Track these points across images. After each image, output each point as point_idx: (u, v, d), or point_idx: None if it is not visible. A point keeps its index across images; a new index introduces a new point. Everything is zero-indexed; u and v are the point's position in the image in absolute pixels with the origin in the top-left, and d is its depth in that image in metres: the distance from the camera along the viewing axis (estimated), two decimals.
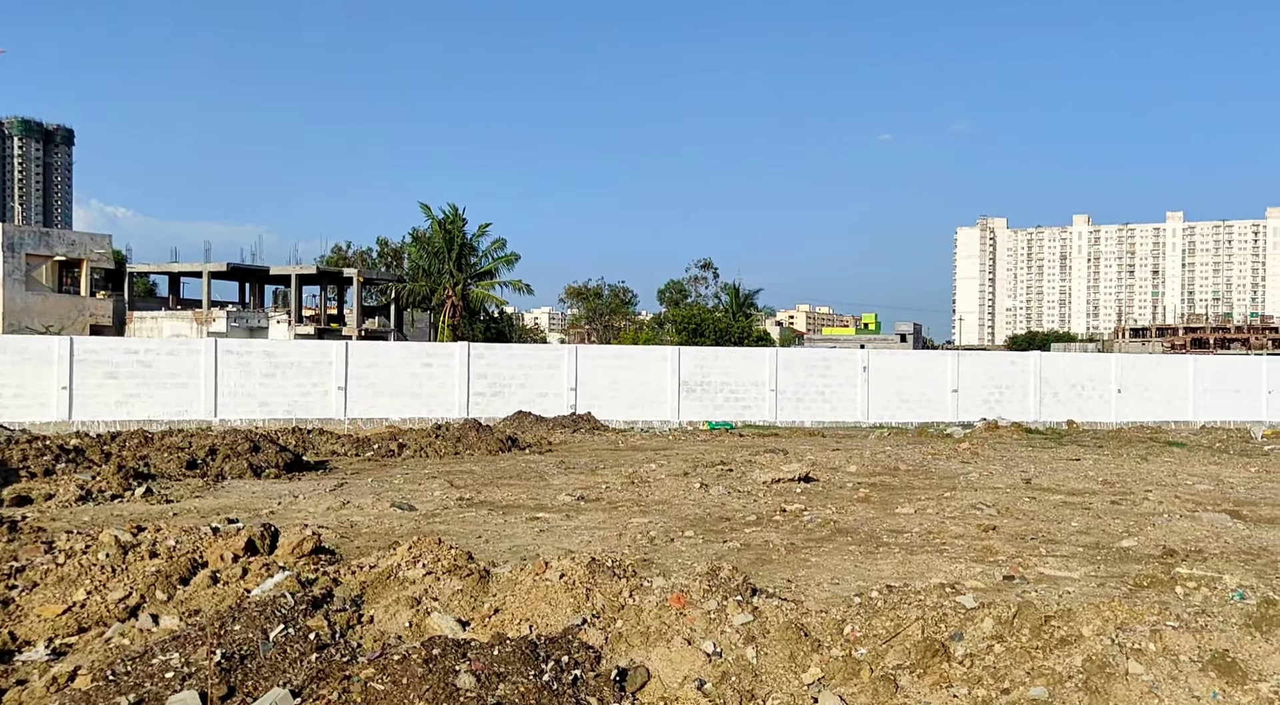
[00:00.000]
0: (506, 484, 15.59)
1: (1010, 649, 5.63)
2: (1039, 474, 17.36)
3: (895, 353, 35.68)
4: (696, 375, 29.91)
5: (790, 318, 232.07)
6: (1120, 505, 13.70)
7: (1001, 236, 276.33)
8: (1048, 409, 31.55)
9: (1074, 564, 9.57)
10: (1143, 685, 5.11)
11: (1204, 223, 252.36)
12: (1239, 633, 5.55)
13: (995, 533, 11.33)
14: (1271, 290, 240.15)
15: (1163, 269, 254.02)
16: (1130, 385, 32.48)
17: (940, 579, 8.22)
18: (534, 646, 5.73)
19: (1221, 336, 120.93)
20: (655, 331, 72.33)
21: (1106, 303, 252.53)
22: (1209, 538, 11.11)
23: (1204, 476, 17.53)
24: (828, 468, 17.45)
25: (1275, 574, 8.96)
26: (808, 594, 8.00)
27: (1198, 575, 8.49)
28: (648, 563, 9.33)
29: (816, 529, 11.57)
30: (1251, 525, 12.14)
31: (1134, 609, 5.98)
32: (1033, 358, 33.06)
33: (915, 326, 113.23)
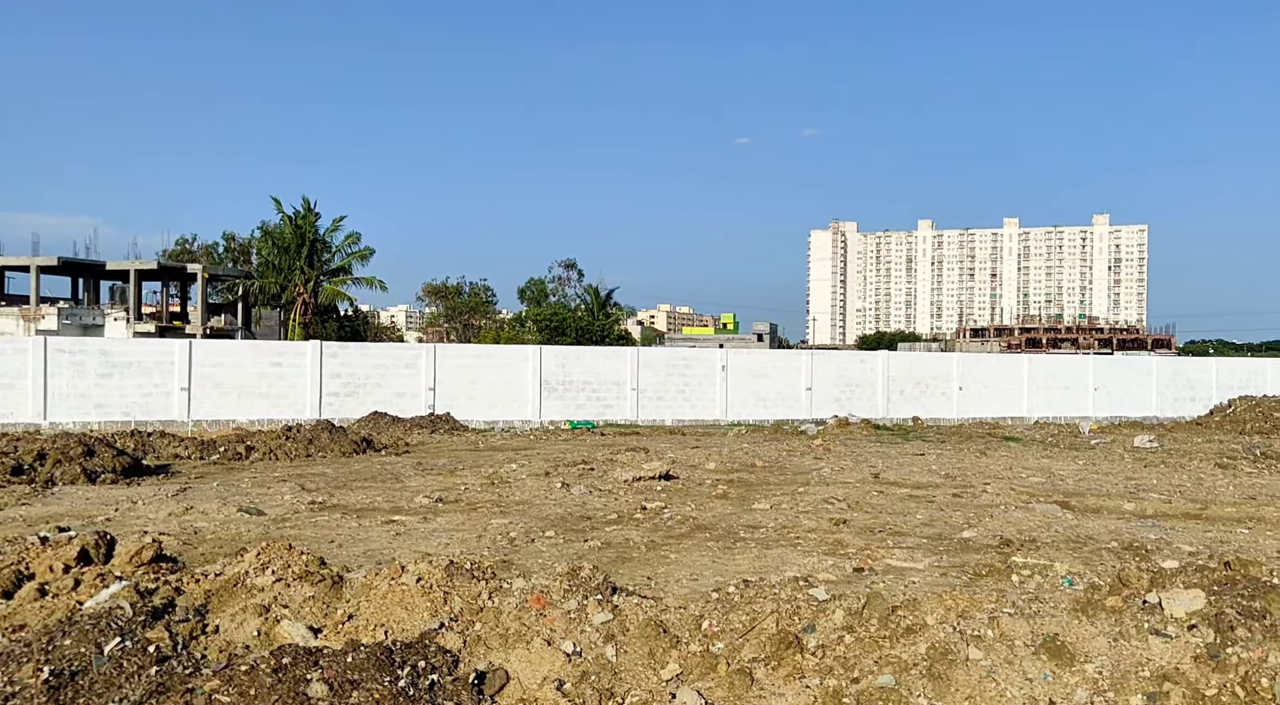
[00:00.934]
0: (361, 486, 15.20)
1: (860, 639, 5.83)
2: (887, 469, 18.03)
3: (752, 352, 36.47)
4: (558, 374, 29.86)
5: (651, 317, 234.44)
6: (961, 498, 14.36)
7: (852, 240, 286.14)
8: (895, 406, 32.82)
9: (919, 555, 9.97)
10: (981, 670, 5.37)
11: (1038, 229, 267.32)
12: (1068, 617, 5.89)
13: (846, 526, 11.71)
14: (1098, 293, 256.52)
15: (1000, 272, 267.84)
16: (971, 383, 34.10)
17: (794, 572, 8.44)
18: (389, 652, 5.60)
19: (1053, 336, 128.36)
20: (516, 330, 71.90)
21: (949, 304, 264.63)
22: (1041, 528, 11.77)
23: (1037, 470, 18.54)
24: (687, 465, 17.69)
25: (1100, 561, 9.56)
26: (667, 591, 8.09)
27: (1031, 564, 8.99)
28: (508, 564, 9.25)
29: (676, 526, 11.71)
30: (1079, 515, 12.92)
31: (974, 597, 6.27)
32: (881, 357, 34.32)
33: (771, 326, 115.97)
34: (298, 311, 54.32)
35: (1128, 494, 15.18)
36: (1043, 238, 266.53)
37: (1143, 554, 9.88)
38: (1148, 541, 10.80)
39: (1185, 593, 6.03)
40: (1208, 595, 5.99)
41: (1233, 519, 12.99)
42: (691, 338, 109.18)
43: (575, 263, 78.85)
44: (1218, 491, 15.75)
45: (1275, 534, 11.95)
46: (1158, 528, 12.01)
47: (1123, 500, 14.41)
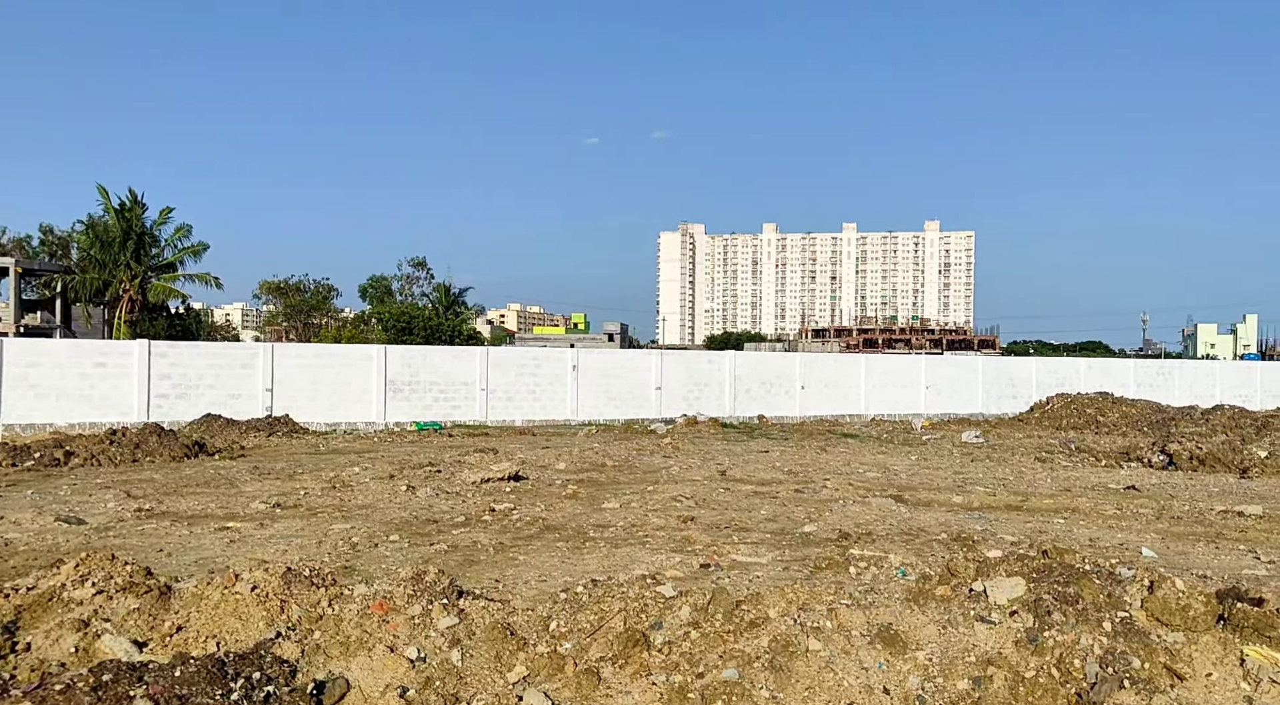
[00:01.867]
0: (193, 492, 14.48)
1: (705, 634, 5.91)
2: (733, 466, 18.41)
3: (603, 352, 36.61)
4: (404, 375, 29.23)
5: (502, 317, 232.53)
6: (803, 493, 14.80)
7: (700, 242, 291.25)
8: (741, 405, 33.56)
9: (763, 550, 10.21)
10: (821, 661, 5.53)
11: (874, 234, 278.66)
12: (901, 607, 6.14)
13: (693, 523, 11.89)
14: (929, 295, 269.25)
15: (840, 275, 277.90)
16: (812, 382, 35.20)
17: (643, 571, 8.51)
18: (221, 665, 5.34)
19: (889, 337, 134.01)
20: (360, 329, 69.95)
21: (792, 305, 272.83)
22: (877, 521, 12.25)
23: (874, 465, 19.30)
24: (537, 466, 17.61)
25: (931, 552, 10.01)
26: (515, 593, 8.01)
27: (868, 555, 9.33)
28: (350, 570, 8.99)
29: (525, 527, 11.63)
30: (912, 508, 13.50)
31: (814, 590, 6.46)
32: (728, 357, 35.03)
33: (622, 326, 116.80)
34: (124, 309, 51.32)
35: (956, 487, 15.97)
36: (879, 242, 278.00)
37: (970, 544, 10.40)
38: (974, 532, 11.38)
39: (1008, 581, 6.38)
40: (1028, 582, 6.35)
41: (1050, 510, 13.84)
42: (542, 337, 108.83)
43: (425, 261, 77.27)
44: (1037, 484, 16.76)
45: (1087, 523, 12.80)
46: (983, 519, 12.67)
47: (952, 493, 15.15)
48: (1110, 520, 13.07)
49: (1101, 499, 14.91)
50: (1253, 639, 5.67)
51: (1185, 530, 12.38)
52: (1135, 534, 11.99)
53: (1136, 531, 12.21)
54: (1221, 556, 10.69)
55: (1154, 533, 12.14)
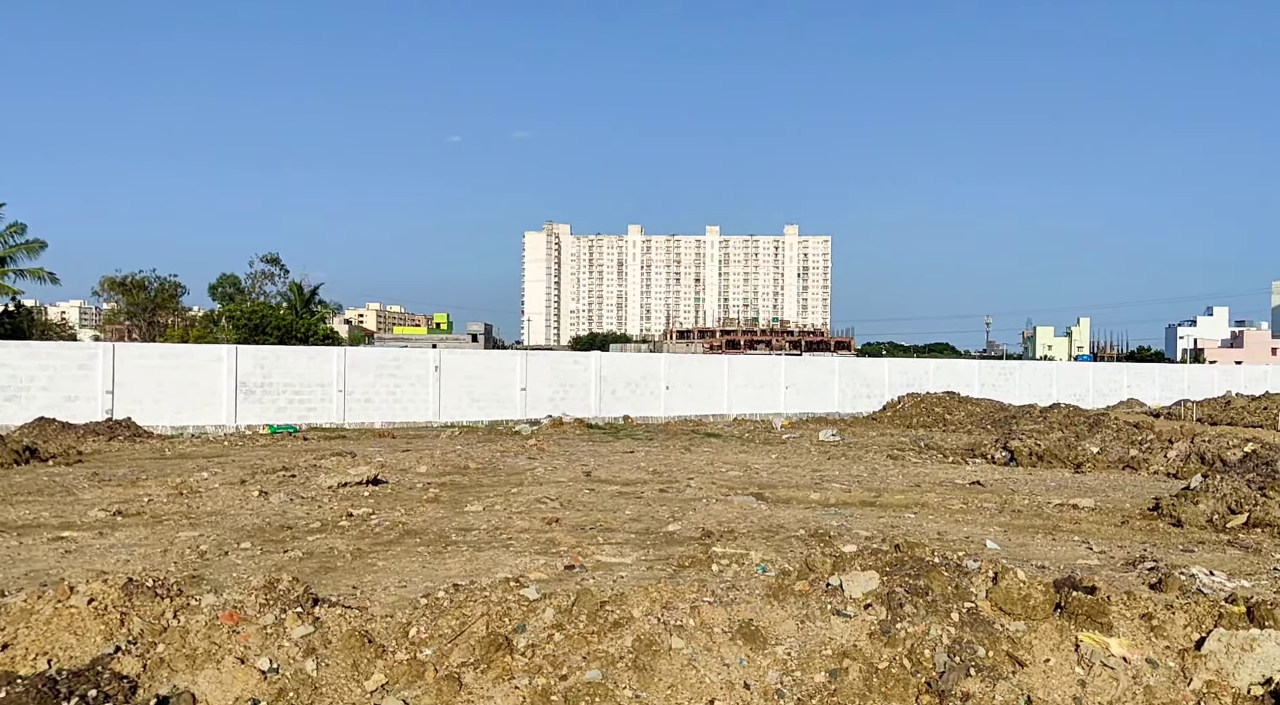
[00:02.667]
0: (23, 501, 13.59)
1: (569, 636, 5.89)
2: (598, 467, 18.44)
3: (467, 352, 36.14)
4: (257, 376, 28.17)
5: (360, 316, 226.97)
6: (667, 493, 14.94)
7: (566, 242, 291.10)
8: (607, 405, 33.67)
9: (627, 550, 10.25)
10: (683, 658, 5.58)
11: (736, 237, 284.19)
12: (761, 603, 6.25)
13: (558, 525, 11.84)
14: (789, 298, 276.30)
15: (704, 277, 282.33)
16: (677, 382, 35.61)
17: (506, 573, 8.42)
18: (53, 683, 5.02)
19: (750, 338, 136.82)
20: (210, 329, 67.05)
21: (657, 307, 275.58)
22: (739, 519, 12.46)
23: (735, 464, 19.64)
24: (398, 469, 17.24)
25: (790, 548, 10.24)
26: (374, 599, 7.81)
27: (730, 553, 9.48)
28: (197, 579, 8.60)
29: (385, 532, 11.36)
30: (772, 505, 13.80)
31: (677, 588, 6.51)
32: (594, 357, 35.09)
33: (486, 326, 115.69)
34: None
35: (814, 485, 16.40)
36: (741, 245, 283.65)
37: (827, 540, 10.69)
38: (831, 528, 11.70)
39: (862, 575, 6.58)
40: (881, 576, 6.56)
41: (902, 505, 14.37)
42: (403, 337, 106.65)
43: (278, 258, 74.36)
44: (889, 481, 17.37)
45: (936, 518, 13.34)
46: (839, 515, 13.05)
47: (810, 491, 15.56)
48: (957, 514, 13.66)
49: (949, 494, 15.56)
50: (1086, 626, 6.00)
51: (1025, 523, 13.04)
52: (980, 527, 12.55)
53: (981, 525, 12.79)
54: (1058, 547, 11.30)
55: (997, 526, 12.74)
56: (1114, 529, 12.76)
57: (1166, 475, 19.14)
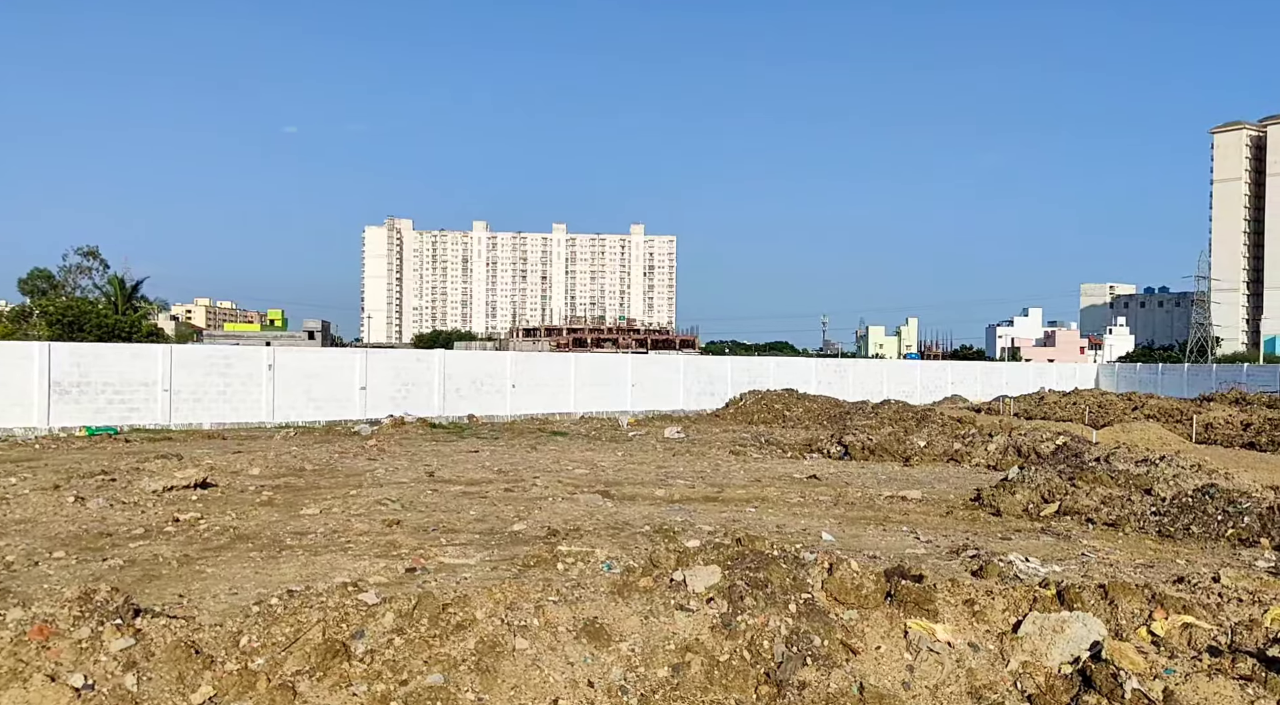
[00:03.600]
0: None
1: (410, 640, 5.76)
2: (442, 467, 18.14)
3: (303, 350, 34.92)
4: (73, 375, 26.42)
5: (188, 313, 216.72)
6: (513, 492, 14.83)
7: (408, 238, 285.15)
8: (451, 404, 33.15)
9: (471, 551, 10.12)
10: (528, 659, 5.54)
11: (583, 235, 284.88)
12: (606, 600, 6.27)
13: (399, 527, 11.58)
14: (635, 296, 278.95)
15: (550, 275, 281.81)
16: (523, 381, 35.40)
17: (344, 578, 8.17)
18: None
19: (597, 336, 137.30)
20: (20, 326, 62.55)
21: (503, 304, 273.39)
22: (585, 517, 12.49)
23: (582, 462, 19.68)
24: (228, 471, 16.49)
25: (635, 545, 10.33)
26: (202, 608, 7.46)
27: (575, 551, 9.48)
28: (4, 592, 8.00)
29: (214, 537, 10.86)
30: (618, 503, 13.89)
31: (522, 588, 6.46)
32: (437, 355, 34.50)
33: (324, 324, 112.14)
34: None
35: (659, 481, 16.61)
36: (588, 244, 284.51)
37: (671, 536, 10.83)
38: (676, 524, 11.87)
39: (705, 569, 6.69)
40: (723, 570, 6.69)
41: (743, 500, 14.71)
42: (235, 335, 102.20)
43: (97, 250, 69.79)
44: (732, 476, 17.76)
45: (776, 511, 13.72)
46: (683, 511, 13.26)
47: (655, 487, 15.74)
48: (795, 508, 14.08)
49: (788, 488, 16.03)
50: (914, 612, 6.28)
51: (858, 515, 13.57)
52: (817, 520, 12.98)
53: (818, 517, 13.23)
54: (889, 538, 11.80)
55: (832, 518, 13.21)
56: (940, 519, 13.42)
57: (987, 467, 20.27)
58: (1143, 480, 14.86)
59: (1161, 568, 10.30)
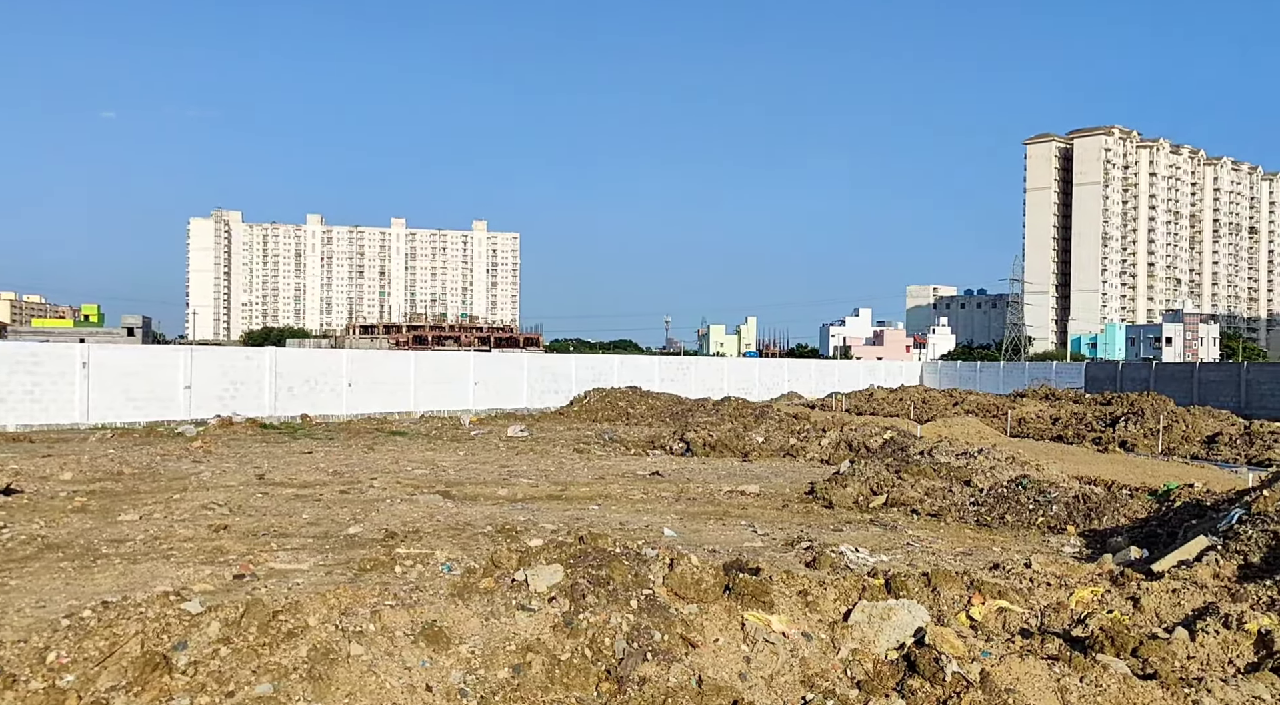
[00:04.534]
0: None
1: (237, 650, 5.51)
2: (273, 469, 17.45)
3: (121, 347, 32.89)
4: None
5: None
6: (349, 494, 14.41)
7: (237, 230, 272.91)
8: (283, 404, 31.93)
9: (304, 555, 9.77)
10: (363, 665, 5.38)
11: (424, 230, 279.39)
12: (446, 603, 6.16)
13: (227, 532, 11.08)
14: (478, 293, 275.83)
15: (389, 270, 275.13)
16: (360, 379, 34.44)
17: (166, 587, 7.74)
18: None
19: (438, 334, 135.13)
20: None
21: (339, 300, 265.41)
22: (425, 518, 12.25)
23: (422, 462, 19.30)
24: (36, 477, 15.40)
25: (477, 545, 10.20)
26: (4, 623, 6.93)
27: (414, 553, 9.29)
28: None
29: (19, 547, 10.10)
30: (459, 503, 13.69)
31: (357, 592, 6.28)
32: (268, 353, 33.17)
33: (145, 320, 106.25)
34: None
35: (502, 480, 16.46)
36: (428, 239, 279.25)
37: (513, 536, 10.75)
38: (518, 523, 11.79)
39: (547, 568, 6.66)
40: (566, 568, 6.68)
41: (587, 498, 14.75)
42: (44, 331, 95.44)
43: None
44: (575, 474, 17.78)
45: (619, 508, 13.82)
46: (527, 510, 13.18)
47: (498, 487, 15.59)
48: (638, 504, 14.22)
49: (631, 485, 16.17)
50: (751, 605, 6.43)
51: (699, 510, 13.81)
52: (659, 516, 13.14)
53: (660, 513, 13.39)
54: (728, 532, 12.06)
55: (674, 514, 13.40)
56: (776, 512, 13.81)
57: (821, 461, 21.00)
58: (963, 472, 15.70)
59: (980, 555, 10.90)
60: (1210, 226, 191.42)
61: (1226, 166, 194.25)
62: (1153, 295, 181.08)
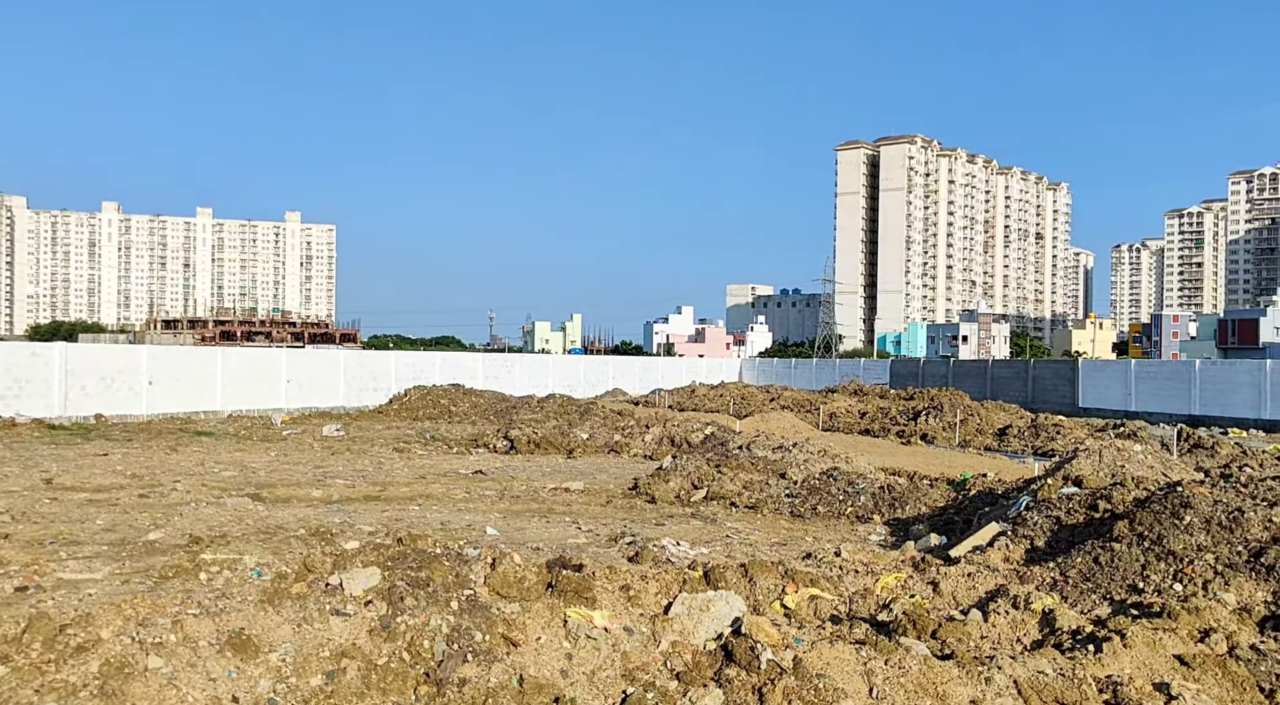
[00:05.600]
0: None
1: (18, 668, 5.08)
2: (63, 472, 16.25)
3: None
4: None
5: None
6: (149, 498, 13.57)
7: (21, 217, 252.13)
8: (76, 403, 29.78)
9: (98, 564, 9.13)
10: (162, 678, 5.07)
11: (233, 221, 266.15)
12: (255, 610, 5.88)
13: (8, 541, 10.22)
14: (291, 288, 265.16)
15: (194, 263, 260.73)
16: (163, 377, 32.51)
17: None
18: None
19: (248, 329, 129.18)
20: None
21: (139, 293, 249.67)
22: (233, 522, 11.67)
23: (230, 464, 18.40)
24: None
25: (289, 549, 9.79)
26: None
27: (221, 559, 8.83)
28: None
29: None
30: (270, 506, 13.12)
31: (157, 602, 5.91)
32: (58, 349, 30.84)
33: None
34: None
35: (317, 481, 15.88)
36: (237, 230, 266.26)
37: (328, 538, 10.38)
38: (334, 525, 11.39)
39: (364, 571, 6.46)
40: (383, 571, 6.49)
41: (407, 498, 14.42)
42: None
43: None
44: (395, 474, 17.35)
45: (441, 508, 13.57)
46: (343, 511, 12.77)
47: (312, 488, 15.03)
48: (460, 503, 14.01)
49: (453, 484, 15.92)
50: (575, 602, 6.43)
51: (523, 508, 13.74)
52: (482, 515, 12.99)
53: (483, 512, 13.24)
54: (552, 529, 12.04)
55: (497, 512, 13.28)
56: (600, 508, 13.90)
57: (644, 457, 21.29)
58: (779, 466, 16.25)
59: (794, 545, 11.31)
60: (1002, 232, 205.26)
61: (1016, 176, 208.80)
62: (951, 296, 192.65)
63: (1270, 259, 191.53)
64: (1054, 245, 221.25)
